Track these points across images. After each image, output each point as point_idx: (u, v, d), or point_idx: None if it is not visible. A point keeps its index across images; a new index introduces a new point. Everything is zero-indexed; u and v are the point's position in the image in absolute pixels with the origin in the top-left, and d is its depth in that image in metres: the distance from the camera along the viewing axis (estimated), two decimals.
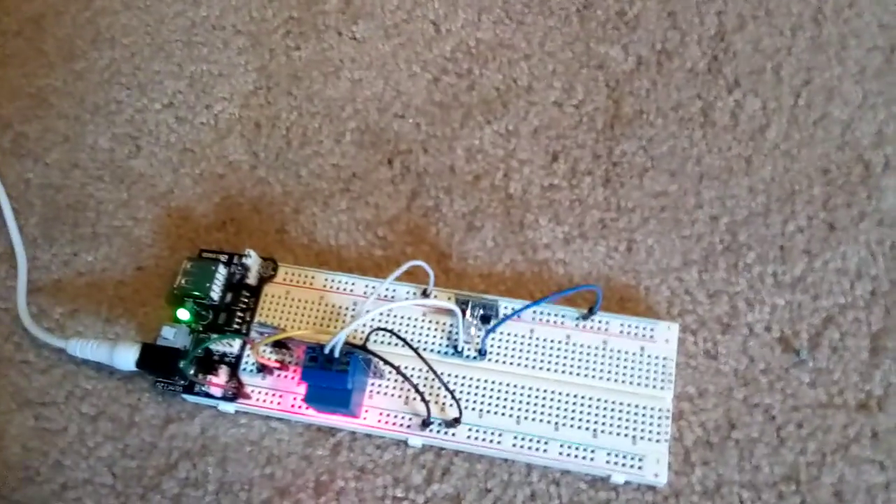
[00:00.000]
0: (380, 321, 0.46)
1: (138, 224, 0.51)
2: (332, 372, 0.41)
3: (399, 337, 0.42)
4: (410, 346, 0.42)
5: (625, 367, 0.44)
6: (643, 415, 0.43)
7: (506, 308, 0.45)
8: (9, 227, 0.50)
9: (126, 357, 0.45)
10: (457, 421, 0.43)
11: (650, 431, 0.43)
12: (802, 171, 0.50)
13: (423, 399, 0.42)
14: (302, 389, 0.43)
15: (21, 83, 0.56)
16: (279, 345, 0.45)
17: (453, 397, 0.42)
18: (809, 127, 0.51)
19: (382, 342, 0.45)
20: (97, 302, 0.49)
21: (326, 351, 0.40)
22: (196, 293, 0.45)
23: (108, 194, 0.52)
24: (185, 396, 0.45)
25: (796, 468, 0.43)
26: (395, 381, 0.44)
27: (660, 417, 0.43)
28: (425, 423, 0.43)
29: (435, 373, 0.42)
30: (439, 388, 0.44)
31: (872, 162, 0.50)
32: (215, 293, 0.46)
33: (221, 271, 0.46)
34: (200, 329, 0.46)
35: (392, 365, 0.41)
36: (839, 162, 0.50)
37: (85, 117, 0.54)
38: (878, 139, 0.50)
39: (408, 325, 0.46)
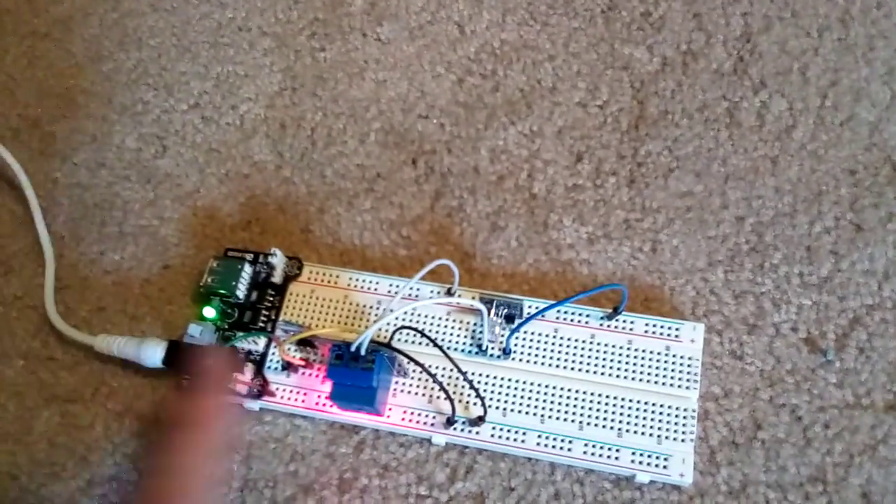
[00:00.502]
0: (405, 320, 0.46)
1: (164, 223, 0.51)
2: (358, 370, 0.41)
3: (425, 335, 0.42)
4: (436, 345, 0.42)
5: (650, 367, 0.44)
6: (668, 414, 0.43)
7: (530, 307, 0.45)
8: (37, 225, 0.51)
9: (153, 354, 0.45)
10: (481, 419, 0.43)
11: (675, 431, 0.43)
12: (829, 172, 0.49)
13: (448, 397, 0.42)
14: (326, 387, 0.43)
15: (49, 84, 0.56)
16: (304, 343, 0.45)
17: (478, 395, 0.42)
18: (836, 128, 0.51)
19: (407, 341, 0.45)
20: (123, 300, 0.49)
21: (353, 349, 0.40)
22: (222, 291, 0.46)
23: (135, 194, 0.52)
24: None
25: (823, 469, 0.43)
26: (419, 379, 0.44)
27: (685, 417, 0.43)
28: (450, 422, 0.43)
29: (461, 371, 0.42)
30: (463, 386, 0.44)
31: None
32: (241, 291, 0.46)
33: (247, 270, 0.47)
34: (226, 327, 0.46)
35: (418, 363, 0.41)
36: (866, 163, 0.49)
37: (112, 117, 0.55)
38: None
39: (432, 324, 0.46)
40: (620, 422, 0.43)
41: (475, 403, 0.43)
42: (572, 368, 0.44)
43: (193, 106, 0.55)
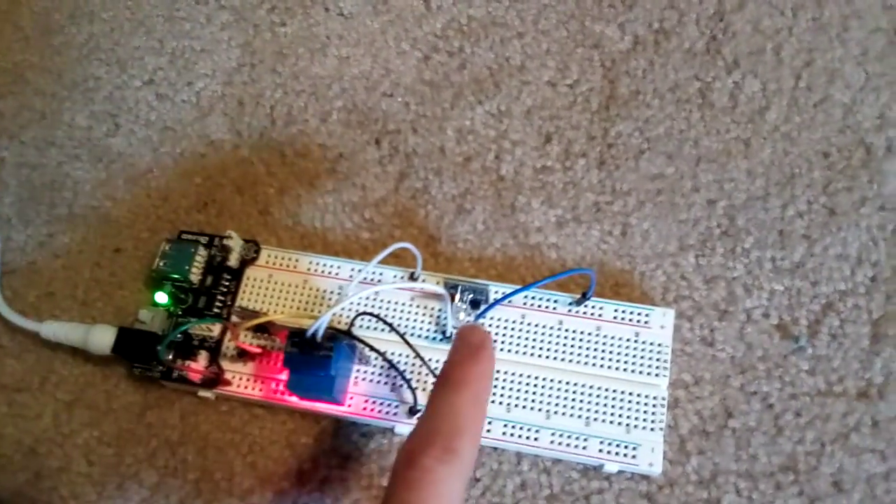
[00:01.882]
0: (365, 306, 0.44)
1: (116, 204, 0.49)
2: (315, 358, 0.39)
3: (384, 321, 0.41)
4: (396, 331, 0.41)
5: (619, 354, 0.43)
6: (637, 403, 0.42)
7: (496, 293, 0.44)
8: None
9: (102, 341, 0.43)
10: None
11: (644, 420, 0.41)
12: (803, 155, 0.48)
13: (409, 386, 0.40)
14: (284, 376, 0.42)
15: None
16: (261, 329, 0.43)
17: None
18: (810, 109, 0.49)
19: (368, 327, 0.43)
20: (73, 285, 0.47)
21: (308, 336, 0.39)
22: (175, 276, 0.44)
23: (86, 174, 0.50)
24: (164, 382, 0.44)
25: (794, 458, 0.42)
26: (381, 367, 0.43)
27: (654, 405, 0.42)
28: (412, 411, 0.42)
29: (422, 358, 0.41)
30: (427, 374, 0.42)
31: (874, 145, 0.48)
32: (195, 276, 0.44)
33: (201, 253, 0.45)
34: (179, 313, 0.44)
35: (377, 351, 0.39)
36: (840, 145, 0.48)
37: (62, 94, 0.52)
38: (881, 122, 0.49)
39: (395, 310, 0.44)
40: (588, 410, 0.42)
41: None
42: (539, 356, 0.43)
43: (147, 82, 0.52)
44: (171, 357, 0.43)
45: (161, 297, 0.44)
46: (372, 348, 0.40)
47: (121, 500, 0.43)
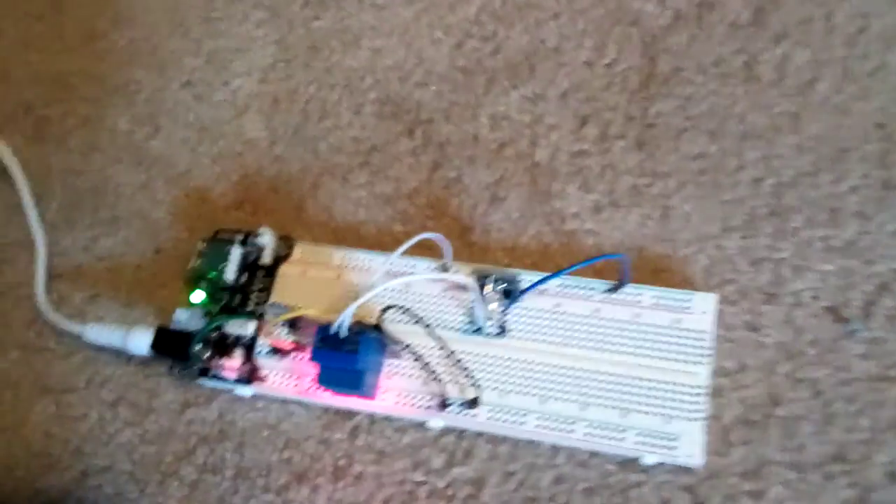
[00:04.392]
0: (395, 298, 0.44)
1: (157, 206, 0.50)
2: (343, 352, 0.39)
3: (409, 312, 0.40)
4: (421, 322, 0.40)
5: (657, 342, 0.41)
6: (677, 392, 0.40)
7: (528, 281, 0.43)
8: (27, 213, 0.50)
9: (140, 342, 0.44)
10: (475, 401, 0.41)
11: (684, 410, 0.40)
12: (856, 127, 0.45)
13: (436, 378, 0.40)
14: (315, 371, 0.42)
15: (43, 67, 0.55)
16: (294, 325, 0.43)
17: (468, 376, 0.40)
18: (864, 78, 0.47)
19: (400, 321, 0.43)
20: (116, 286, 0.48)
21: (333, 331, 0.38)
22: (210, 274, 0.44)
23: (128, 177, 0.51)
24: (202, 380, 0.44)
25: (845, 447, 0.39)
26: (413, 360, 0.42)
27: (695, 395, 0.40)
28: (443, 404, 0.41)
29: (448, 349, 0.40)
30: (458, 367, 0.41)
31: None
32: (230, 274, 0.45)
33: (236, 251, 0.45)
34: (216, 311, 0.45)
35: (401, 343, 0.39)
36: None
37: (105, 99, 0.54)
38: None
39: (426, 302, 0.44)
40: (625, 401, 0.40)
41: (471, 385, 0.41)
42: (574, 345, 0.42)
43: (185, 84, 0.53)
44: (206, 355, 0.43)
45: (197, 297, 0.45)
46: (398, 341, 0.39)
47: (162, 498, 0.43)
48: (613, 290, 0.43)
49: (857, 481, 0.39)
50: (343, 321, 0.38)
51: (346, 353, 0.39)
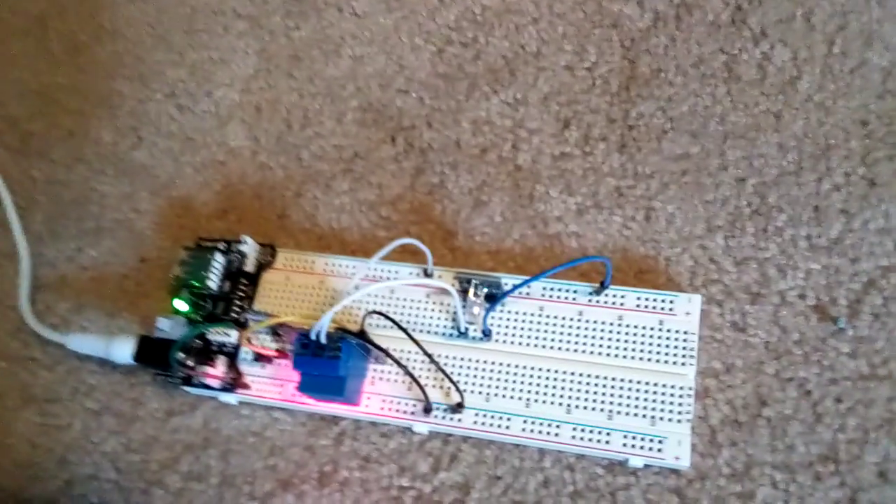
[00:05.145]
0: (378, 304, 0.43)
1: (141, 216, 0.50)
2: (324, 359, 0.39)
3: (390, 319, 0.40)
4: (401, 328, 0.40)
5: (642, 344, 0.41)
6: (663, 394, 0.40)
7: (508, 285, 0.43)
8: (11, 225, 0.50)
9: (123, 351, 0.44)
10: (460, 406, 0.41)
11: (671, 411, 0.40)
12: (838, 125, 0.45)
13: (417, 383, 0.39)
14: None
15: (28, 82, 0.56)
16: (277, 332, 0.43)
17: (451, 381, 0.40)
18: (846, 76, 0.46)
19: (385, 326, 0.43)
20: (101, 296, 0.48)
21: (312, 337, 0.38)
22: (193, 282, 0.44)
23: (112, 188, 0.51)
24: (186, 388, 0.44)
25: (835, 447, 0.39)
26: (397, 366, 0.42)
27: (681, 396, 0.40)
28: (427, 409, 0.41)
29: (428, 355, 0.40)
30: (437, 372, 0.41)
31: None
32: (213, 282, 0.44)
33: (219, 259, 0.45)
34: (200, 319, 0.45)
35: (381, 348, 0.39)
36: (879, 112, 0.45)
37: (88, 111, 0.54)
38: None
39: (410, 307, 0.43)
40: (611, 403, 0.40)
41: (456, 389, 0.41)
42: (559, 348, 0.42)
43: (169, 95, 0.53)
44: (189, 363, 0.43)
45: (180, 305, 0.44)
46: (376, 346, 0.39)
47: None
48: (596, 292, 0.42)
49: (847, 481, 0.38)
50: (321, 327, 0.38)
51: (328, 359, 0.39)
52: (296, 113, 0.51)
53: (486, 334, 0.42)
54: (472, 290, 0.43)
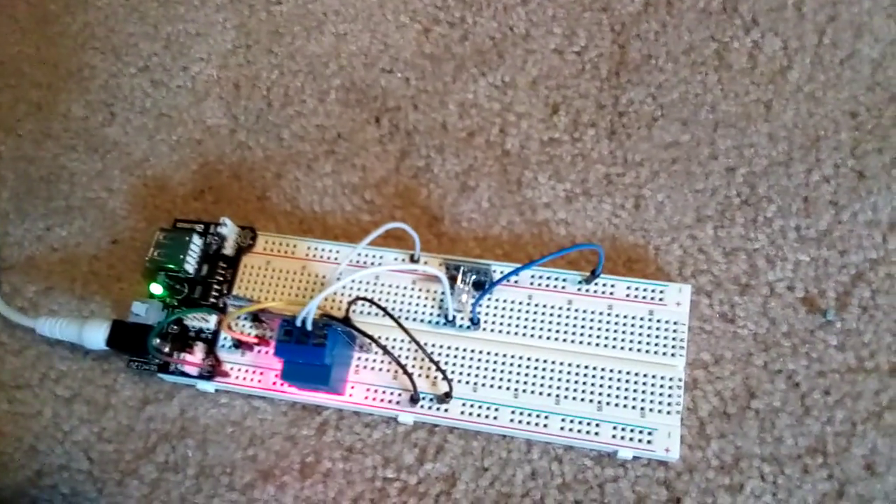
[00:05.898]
0: (364, 290, 0.42)
1: (113, 195, 0.48)
2: (309, 346, 0.38)
3: (378, 305, 0.39)
4: (390, 315, 0.39)
5: (632, 334, 0.41)
6: (652, 385, 0.40)
7: (498, 273, 0.42)
8: None
9: (96, 336, 0.42)
10: (447, 396, 0.40)
11: (660, 403, 0.39)
12: (828, 116, 0.45)
13: (405, 372, 0.38)
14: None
15: None
16: (258, 318, 0.42)
17: (439, 370, 0.39)
18: (836, 67, 0.46)
19: (370, 313, 0.42)
20: (71, 278, 0.46)
21: (298, 323, 0.37)
22: (169, 266, 0.42)
23: (82, 165, 0.49)
24: (161, 376, 0.43)
25: (823, 439, 0.39)
26: (382, 354, 0.41)
27: (671, 387, 0.39)
28: (413, 399, 0.40)
29: (417, 343, 0.39)
30: (425, 360, 0.40)
31: None
32: (190, 265, 0.43)
33: (196, 242, 0.43)
34: (176, 304, 0.43)
35: (369, 336, 0.38)
36: (869, 104, 0.45)
37: (58, 85, 0.51)
38: None
39: (396, 294, 0.42)
40: (600, 394, 0.40)
41: (443, 378, 0.40)
42: (547, 338, 0.41)
43: (142, 69, 0.51)
44: (166, 349, 0.42)
45: (156, 289, 0.43)
46: (364, 334, 0.38)
47: (121, 497, 0.42)
48: (586, 281, 0.42)
49: (835, 474, 0.38)
50: (308, 313, 0.37)
51: (313, 347, 0.38)
52: (276, 91, 0.49)
53: (475, 323, 0.41)
54: (459, 278, 0.42)
